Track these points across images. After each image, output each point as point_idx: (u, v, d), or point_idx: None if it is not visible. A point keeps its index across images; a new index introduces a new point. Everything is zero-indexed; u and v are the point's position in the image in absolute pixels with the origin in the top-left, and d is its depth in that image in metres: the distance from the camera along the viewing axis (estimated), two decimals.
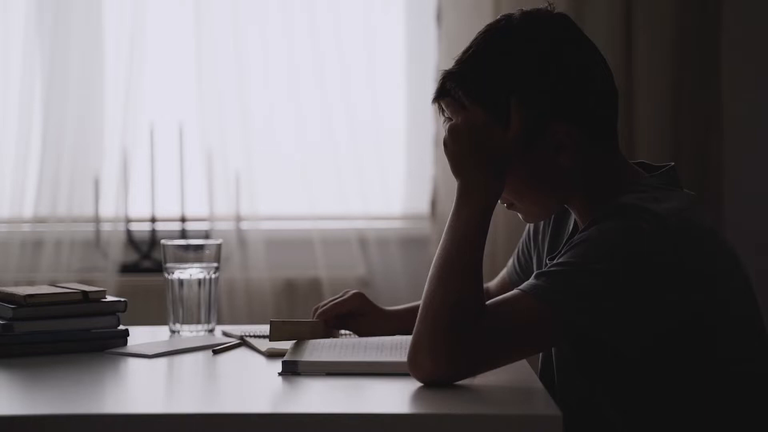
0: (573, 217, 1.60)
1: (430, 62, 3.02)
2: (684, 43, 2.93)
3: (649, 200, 1.43)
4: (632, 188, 1.48)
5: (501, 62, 1.48)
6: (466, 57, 1.50)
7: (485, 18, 2.90)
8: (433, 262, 1.44)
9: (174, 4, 3.12)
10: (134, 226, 3.06)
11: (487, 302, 1.40)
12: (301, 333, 1.66)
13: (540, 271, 1.42)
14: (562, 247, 1.56)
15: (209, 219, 3.03)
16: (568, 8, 2.84)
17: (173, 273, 1.86)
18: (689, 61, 2.93)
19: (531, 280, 1.40)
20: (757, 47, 3.05)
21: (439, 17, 2.99)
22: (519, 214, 1.58)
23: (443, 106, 1.52)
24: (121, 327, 1.70)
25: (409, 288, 3.01)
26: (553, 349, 1.52)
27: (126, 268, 3.02)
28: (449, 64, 1.53)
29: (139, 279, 2.99)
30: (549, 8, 1.52)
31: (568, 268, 1.39)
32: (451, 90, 1.49)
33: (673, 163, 1.54)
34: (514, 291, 1.41)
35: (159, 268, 3.00)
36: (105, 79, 3.04)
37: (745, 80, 3.03)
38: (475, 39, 1.51)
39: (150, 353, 1.63)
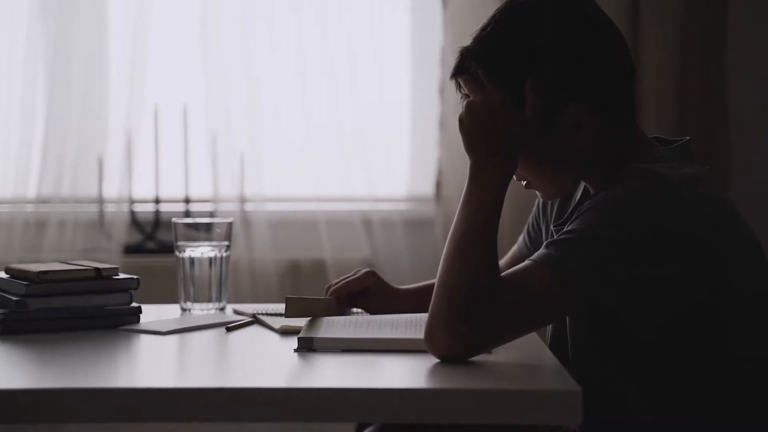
0: (581, 190, 1.60)
1: (436, 44, 3.01)
2: (690, 41, 2.92)
3: (662, 167, 1.43)
4: (646, 158, 1.48)
5: (518, 41, 1.48)
6: (484, 35, 1.50)
7: (491, 0, 2.89)
8: (448, 240, 1.44)
9: None
10: (138, 207, 3.05)
11: (501, 274, 1.40)
12: (315, 310, 1.66)
13: (550, 240, 1.42)
14: (570, 213, 1.58)
15: (213, 200, 3.02)
16: None
17: (184, 251, 1.85)
18: (696, 57, 2.92)
19: (542, 250, 1.40)
20: (763, 41, 3.05)
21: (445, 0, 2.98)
22: (537, 192, 1.58)
23: (461, 83, 1.51)
24: (134, 304, 1.70)
25: (413, 270, 3.01)
26: (567, 325, 1.52)
27: (130, 249, 3.01)
28: (460, 43, 1.53)
29: (143, 260, 2.98)
30: None
31: (578, 235, 1.39)
32: (470, 68, 1.49)
33: (688, 138, 1.54)
34: (526, 262, 1.41)
35: (163, 249, 3.01)
36: (109, 60, 3.03)
37: (752, 75, 3.03)
38: (493, 16, 1.51)
39: (163, 330, 1.63)
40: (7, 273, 1.70)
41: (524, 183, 1.56)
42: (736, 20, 2.97)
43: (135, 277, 1.72)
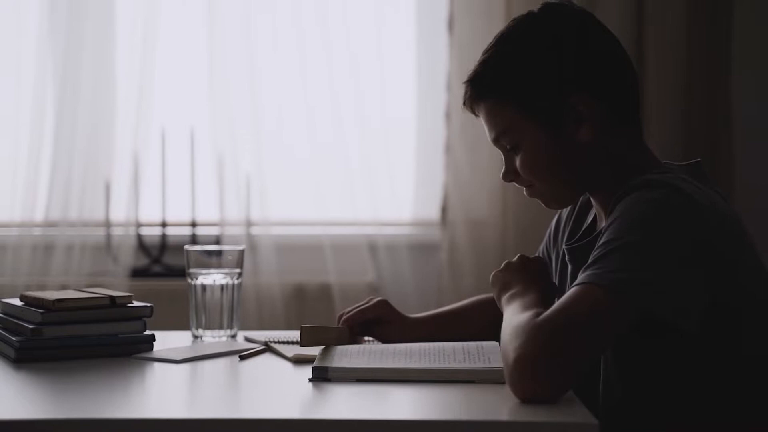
0: (594, 212, 1.62)
1: (442, 68, 3.03)
2: (695, 44, 2.94)
3: (677, 180, 1.46)
4: (655, 171, 1.51)
5: (521, 49, 1.55)
6: (487, 56, 1.57)
7: (497, 24, 2.91)
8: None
9: (186, 9, 3.12)
10: (145, 231, 3.07)
11: (549, 310, 1.38)
12: (328, 339, 1.66)
13: (587, 264, 1.41)
14: (582, 234, 1.63)
15: (220, 224, 3.03)
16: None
17: (196, 279, 1.86)
18: (700, 62, 2.94)
19: (582, 274, 1.40)
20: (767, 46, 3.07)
21: (451, 23, 3.00)
22: (539, 200, 1.60)
23: (476, 112, 1.55)
24: (147, 332, 1.71)
25: (418, 294, 3.02)
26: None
27: (136, 273, 3.02)
28: (466, 68, 1.58)
29: (149, 283, 2.99)
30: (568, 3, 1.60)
31: (611, 246, 1.38)
32: (482, 93, 1.54)
33: (698, 159, 1.57)
34: (572, 289, 1.39)
35: (169, 273, 3.02)
36: (117, 83, 3.05)
37: (757, 80, 3.04)
38: (501, 34, 1.59)
39: (177, 358, 1.63)
40: (22, 300, 1.71)
41: (526, 189, 1.58)
42: (740, 24, 2.98)
43: (148, 305, 1.73)
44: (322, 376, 1.47)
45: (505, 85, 1.54)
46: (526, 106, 1.53)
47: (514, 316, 1.43)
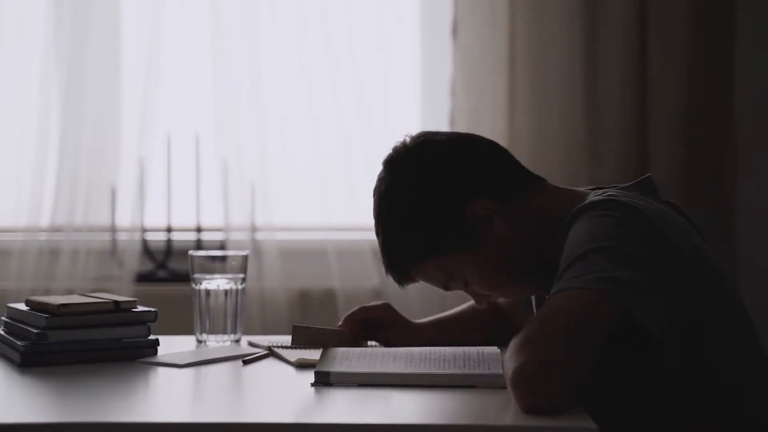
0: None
1: (446, 75, 3.04)
2: (698, 64, 2.94)
3: (616, 195, 1.48)
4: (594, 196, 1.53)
5: (401, 215, 1.61)
6: (383, 239, 1.65)
7: (501, 30, 2.92)
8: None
9: (191, 16, 3.14)
10: (150, 236, 3.08)
11: (531, 322, 1.38)
12: (325, 341, 1.67)
13: (556, 279, 1.42)
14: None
15: (224, 229, 3.04)
16: (583, 31, 2.87)
17: (200, 284, 1.87)
18: (703, 79, 2.94)
19: (556, 285, 1.40)
20: None
21: (455, 30, 3.01)
22: (518, 299, 1.65)
23: (414, 281, 1.66)
24: (152, 337, 1.72)
25: (421, 299, 3.01)
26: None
27: (141, 278, 3.03)
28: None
29: (155, 288, 3.00)
30: (405, 142, 1.67)
31: (574, 258, 1.40)
32: (405, 272, 1.66)
33: (649, 174, 1.58)
34: (548, 300, 1.40)
35: (174, 278, 3.03)
36: (122, 89, 3.06)
37: (759, 102, 3.05)
38: (380, 208, 1.65)
39: (181, 363, 1.65)
40: (27, 305, 1.72)
41: (503, 300, 1.64)
42: (742, 63, 2.99)
43: (153, 309, 1.74)
44: (324, 381, 1.48)
45: (413, 253, 1.60)
46: (443, 249, 1.58)
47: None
